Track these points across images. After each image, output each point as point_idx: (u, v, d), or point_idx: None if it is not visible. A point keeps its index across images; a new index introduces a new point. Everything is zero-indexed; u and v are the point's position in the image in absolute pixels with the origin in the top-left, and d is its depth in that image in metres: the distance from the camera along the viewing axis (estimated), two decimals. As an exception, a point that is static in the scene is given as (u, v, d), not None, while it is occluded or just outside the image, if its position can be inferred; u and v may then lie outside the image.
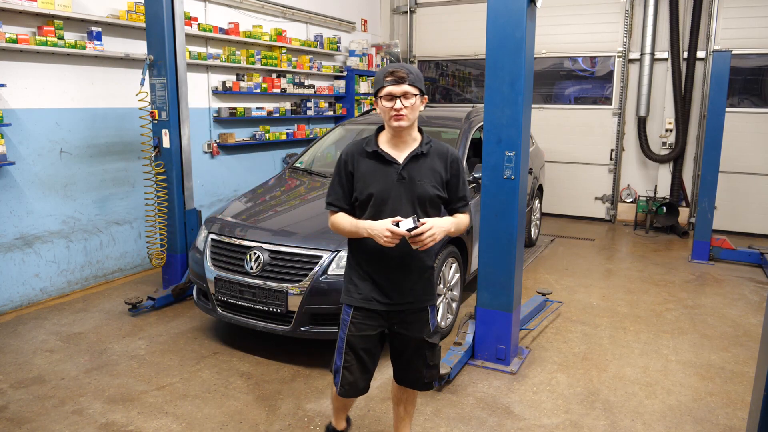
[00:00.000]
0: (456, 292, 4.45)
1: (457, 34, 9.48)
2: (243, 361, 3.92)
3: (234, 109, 6.80)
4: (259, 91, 7.04)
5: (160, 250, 5.02)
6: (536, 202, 7.06)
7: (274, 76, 7.43)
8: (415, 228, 2.18)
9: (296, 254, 3.77)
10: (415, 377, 2.56)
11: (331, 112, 8.63)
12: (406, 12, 9.90)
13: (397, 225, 2.20)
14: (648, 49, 8.04)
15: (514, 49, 3.45)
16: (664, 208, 7.91)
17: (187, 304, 4.96)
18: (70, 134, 5.14)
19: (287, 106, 7.71)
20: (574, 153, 8.79)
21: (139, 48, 5.55)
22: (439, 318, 4.08)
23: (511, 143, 3.55)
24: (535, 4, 3.46)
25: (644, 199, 8.24)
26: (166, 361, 3.93)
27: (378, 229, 2.23)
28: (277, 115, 7.51)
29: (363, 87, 8.97)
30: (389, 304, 2.41)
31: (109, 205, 5.55)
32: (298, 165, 5.35)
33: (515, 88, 3.49)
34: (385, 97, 2.27)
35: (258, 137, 7.19)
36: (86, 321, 4.57)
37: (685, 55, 7.89)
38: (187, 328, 4.48)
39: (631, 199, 8.62)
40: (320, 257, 3.71)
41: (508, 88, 3.51)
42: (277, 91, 7.38)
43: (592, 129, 8.68)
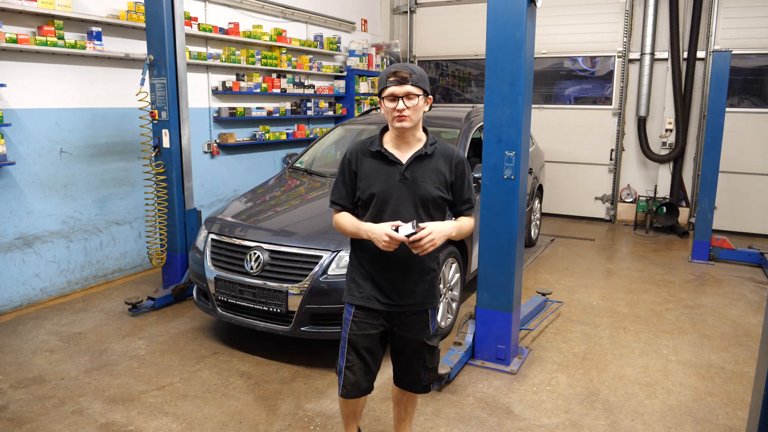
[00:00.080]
0: (456, 292, 4.45)
1: (457, 34, 9.48)
2: (243, 361, 3.92)
3: (234, 109, 6.80)
4: (259, 91, 7.04)
5: (160, 250, 5.02)
6: (536, 202, 7.06)
7: (274, 76, 7.44)
8: (414, 233, 2.15)
9: (296, 254, 3.77)
10: (414, 379, 2.55)
11: (331, 112, 8.63)
12: (406, 12, 9.90)
13: (396, 230, 2.17)
14: (648, 49, 8.04)
15: (514, 49, 3.45)
16: (664, 208, 7.91)
17: (187, 304, 4.97)
18: (70, 134, 5.14)
19: (287, 106, 7.71)
20: (574, 153, 8.79)
21: (139, 48, 5.55)
22: (439, 318, 4.08)
23: (511, 143, 3.55)
24: (535, 4, 3.46)
25: (644, 199, 8.23)
26: (166, 361, 3.93)
27: (377, 233, 2.21)
28: (277, 115, 7.51)
29: (363, 87, 8.97)
30: (389, 305, 2.39)
31: (109, 205, 5.55)
32: (298, 165, 5.35)
33: (515, 88, 3.49)
34: (388, 98, 2.25)
35: (258, 137, 7.20)
36: (86, 321, 4.58)
37: (685, 55, 7.89)
38: (187, 328, 4.48)
39: (631, 199, 8.62)
40: (320, 257, 3.72)
41: (508, 88, 3.51)
42: (277, 91, 7.38)
43: (592, 129, 8.68)
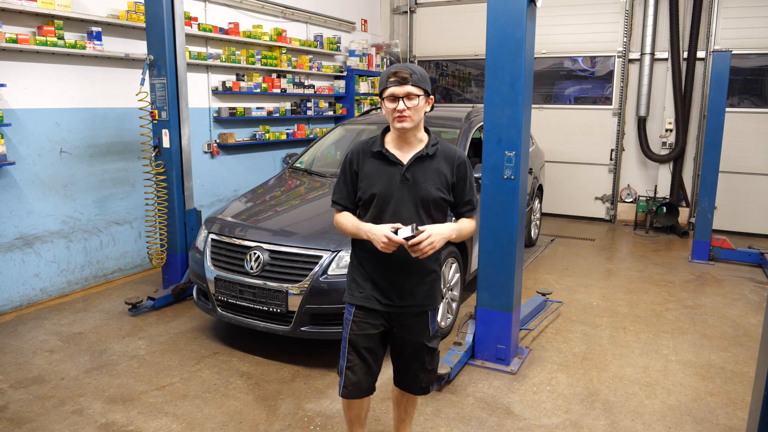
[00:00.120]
0: (456, 292, 4.45)
1: (457, 34, 9.48)
2: (243, 361, 3.92)
3: (234, 109, 6.80)
4: (259, 91, 7.04)
5: (160, 250, 5.02)
6: (536, 202, 7.06)
7: (274, 76, 7.43)
8: (413, 237, 2.13)
9: (296, 254, 3.77)
10: (413, 381, 2.54)
11: (331, 112, 8.63)
12: (406, 12, 9.89)
13: (395, 232, 2.16)
14: (648, 49, 8.04)
15: (514, 49, 3.45)
16: (664, 208, 7.91)
17: (187, 304, 4.97)
18: (70, 134, 5.14)
19: (287, 106, 7.71)
20: (574, 153, 8.79)
21: (139, 48, 5.55)
22: (439, 318, 4.08)
23: (511, 143, 3.55)
24: (535, 4, 3.46)
25: (644, 199, 8.23)
26: (166, 361, 3.93)
27: (376, 234, 2.20)
28: (277, 115, 7.51)
29: (363, 87, 8.97)
30: (389, 306, 2.38)
31: (109, 205, 5.55)
32: (298, 165, 5.35)
33: (515, 88, 3.49)
34: (389, 98, 2.24)
35: (258, 137, 7.19)
36: (86, 321, 4.58)
37: (685, 55, 7.89)
38: (187, 328, 4.48)
39: (631, 199, 8.62)
40: (320, 257, 3.72)
41: (508, 88, 3.51)
42: (277, 91, 7.38)
43: (592, 129, 8.68)
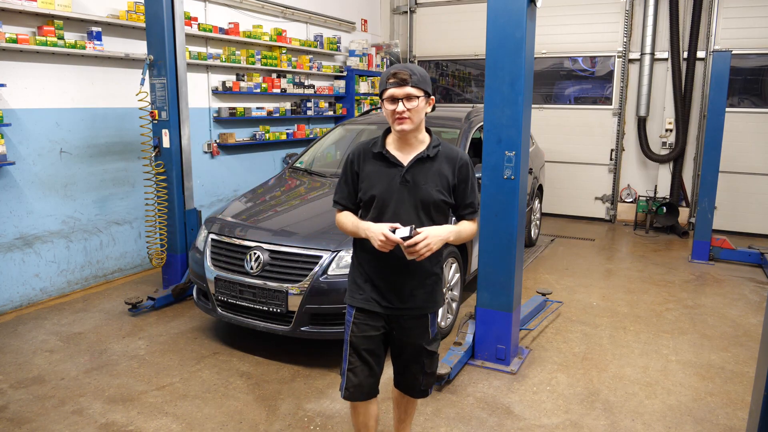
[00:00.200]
0: (456, 292, 4.45)
1: (457, 34, 9.48)
2: (243, 361, 3.92)
3: (234, 109, 6.80)
4: (259, 91, 7.04)
5: (160, 250, 5.02)
6: (536, 202, 7.06)
7: (274, 76, 7.43)
8: (409, 237, 2.12)
9: (296, 254, 3.77)
10: (412, 383, 2.53)
11: (331, 112, 8.63)
12: (406, 12, 9.89)
13: (393, 231, 2.15)
14: (648, 49, 8.04)
15: (514, 49, 3.45)
16: (664, 208, 7.91)
17: (187, 304, 4.97)
18: (70, 134, 5.14)
19: (287, 106, 7.71)
20: (574, 153, 8.79)
21: (139, 48, 5.55)
22: (438, 318, 4.08)
23: (511, 143, 3.55)
24: (535, 4, 3.46)
25: (644, 199, 8.23)
26: (166, 361, 3.93)
27: (374, 233, 2.20)
28: (277, 115, 7.51)
29: (363, 87, 8.97)
30: (388, 308, 2.37)
31: (109, 205, 5.55)
32: (298, 165, 5.35)
33: (515, 88, 3.49)
34: (388, 99, 2.22)
35: (258, 137, 7.19)
36: (86, 321, 4.58)
37: (685, 55, 7.89)
38: (187, 328, 4.48)
39: (631, 199, 8.62)
40: (320, 257, 3.72)
41: (508, 88, 3.51)
42: (277, 91, 7.38)
43: (592, 129, 8.68)
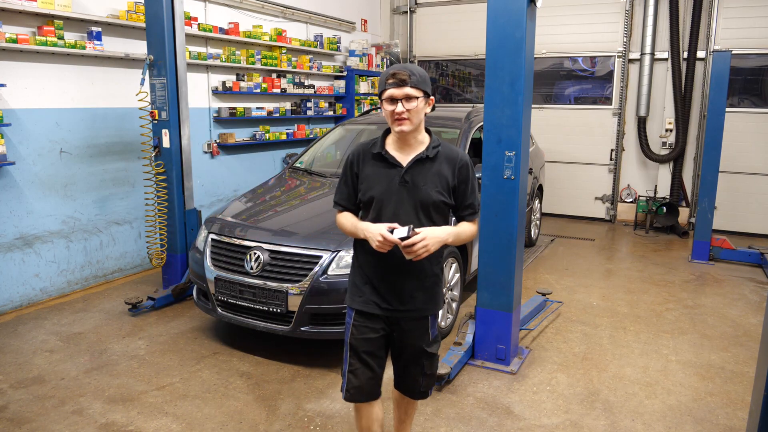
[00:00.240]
0: (456, 292, 4.45)
1: (457, 34, 9.48)
2: (243, 361, 3.92)
3: (234, 109, 6.80)
4: (259, 91, 7.04)
5: (160, 250, 5.02)
6: (536, 202, 7.06)
7: (274, 76, 7.43)
8: (407, 238, 2.11)
9: (296, 254, 3.77)
10: (412, 385, 2.52)
11: (331, 112, 8.63)
12: (406, 12, 9.89)
13: (392, 231, 2.15)
14: (648, 49, 8.04)
15: (514, 49, 3.45)
16: (664, 208, 7.91)
17: (187, 304, 4.97)
18: (70, 134, 5.14)
19: (287, 106, 7.71)
20: (574, 153, 8.79)
21: (139, 48, 5.55)
22: (438, 319, 4.08)
23: (511, 143, 3.55)
24: (535, 4, 3.46)
25: (644, 199, 8.23)
26: (166, 361, 3.93)
27: (372, 233, 2.19)
28: (277, 115, 7.51)
29: (363, 87, 8.97)
30: (388, 310, 2.35)
31: (109, 205, 5.55)
32: (298, 165, 5.35)
33: (515, 88, 3.49)
34: (387, 100, 2.21)
35: (258, 137, 7.19)
36: (86, 321, 4.58)
37: (685, 55, 7.89)
38: (187, 328, 4.48)
39: (631, 199, 8.62)
40: (320, 257, 3.72)
41: (508, 88, 3.51)
42: (277, 91, 7.38)
43: (592, 129, 8.68)
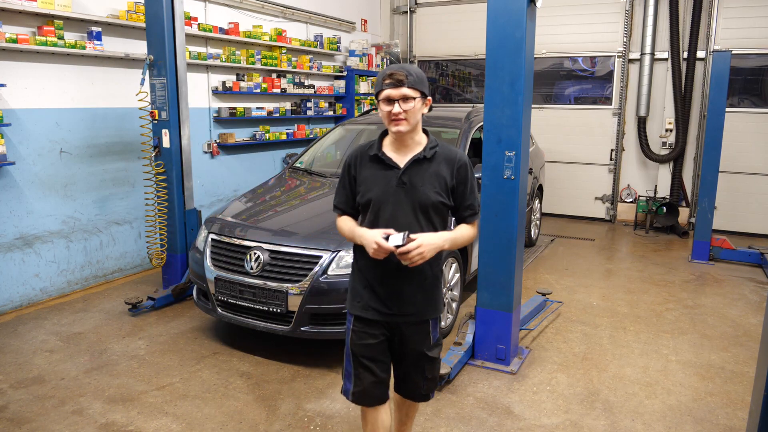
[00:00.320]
0: (456, 292, 4.45)
1: (457, 34, 9.48)
2: (243, 361, 3.92)
3: (234, 109, 6.80)
4: (259, 91, 7.04)
5: (160, 250, 5.02)
6: (536, 202, 7.06)
7: (274, 76, 7.43)
8: (403, 245, 2.09)
9: (296, 254, 3.77)
10: (413, 389, 2.49)
11: (331, 112, 8.63)
12: (406, 12, 9.89)
13: (387, 238, 2.12)
14: (648, 49, 8.04)
15: (514, 49, 3.45)
16: (664, 208, 7.91)
17: (187, 304, 4.97)
18: (70, 134, 5.14)
19: (287, 106, 7.71)
20: (574, 153, 8.79)
21: (139, 48, 5.55)
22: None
23: (511, 143, 3.55)
24: (535, 4, 3.46)
25: (644, 199, 8.23)
26: (166, 361, 3.93)
27: (368, 240, 2.16)
28: (277, 115, 7.51)
29: (363, 87, 8.98)
30: (388, 315, 2.31)
31: (109, 205, 5.55)
32: (298, 165, 5.35)
33: (515, 88, 3.49)
34: (384, 101, 2.19)
35: (258, 137, 7.19)
36: (86, 321, 4.58)
37: (685, 55, 7.89)
38: (187, 328, 4.48)
39: (631, 199, 8.62)
40: (320, 257, 3.72)
41: (508, 88, 3.51)
42: (277, 91, 7.38)
43: (592, 129, 8.68)
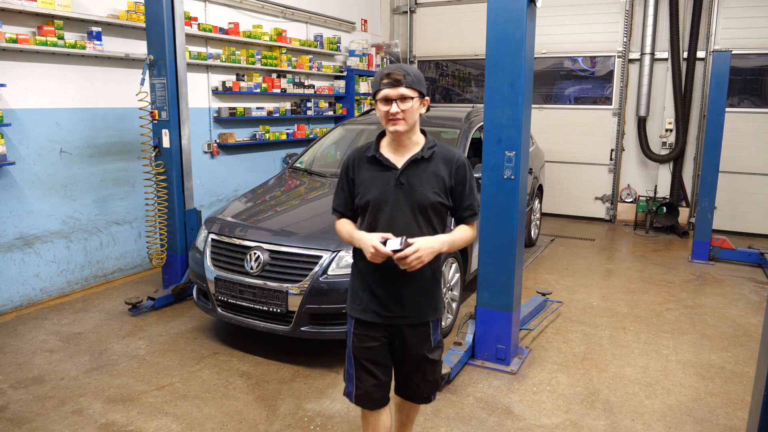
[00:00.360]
0: (456, 292, 4.45)
1: (457, 34, 9.48)
2: (243, 361, 3.92)
3: (234, 109, 6.80)
4: (259, 91, 7.04)
5: (160, 250, 5.02)
6: (536, 202, 7.06)
7: (274, 76, 7.43)
8: (400, 250, 2.07)
9: (296, 254, 3.77)
10: (414, 392, 2.48)
11: (331, 112, 8.63)
12: (406, 12, 9.89)
13: (385, 242, 2.10)
14: (648, 49, 8.04)
15: (514, 49, 3.45)
16: (664, 208, 7.91)
17: (187, 304, 4.97)
18: (70, 134, 5.14)
19: (287, 106, 7.71)
20: (574, 153, 8.79)
21: (139, 48, 5.55)
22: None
23: (511, 143, 3.55)
24: (535, 4, 3.46)
25: (644, 199, 8.23)
26: (166, 361, 3.93)
27: (365, 244, 2.15)
28: (277, 115, 7.51)
29: (363, 87, 8.98)
30: (387, 317, 2.29)
31: (109, 205, 5.55)
32: (298, 165, 5.35)
33: (515, 88, 3.49)
34: (381, 100, 2.17)
35: (258, 137, 7.19)
36: (86, 321, 4.58)
37: (685, 55, 7.89)
38: (187, 328, 4.48)
39: (631, 199, 8.62)
40: (320, 257, 3.72)
41: (508, 88, 3.51)
42: (277, 91, 7.38)
43: (592, 129, 8.68)
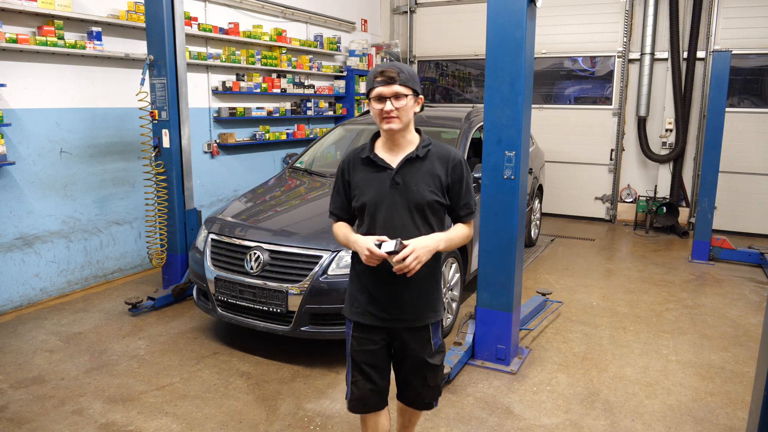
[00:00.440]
0: (456, 292, 4.45)
1: (457, 34, 9.48)
2: (243, 361, 3.92)
3: (234, 109, 6.80)
4: (259, 91, 7.04)
5: (160, 250, 5.02)
6: (536, 202, 7.06)
7: (274, 76, 7.44)
8: (396, 252, 2.03)
9: (296, 254, 3.77)
10: (415, 397, 2.44)
11: (331, 112, 8.63)
12: (406, 12, 9.89)
13: (380, 245, 2.07)
14: (648, 49, 8.04)
15: (514, 49, 3.45)
16: (664, 208, 7.91)
17: (187, 304, 4.97)
18: (70, 134, 5.14)
19: (287, 106, 7.71)
20: (574, 153, 8.79)
21: (139, 48, 5.55)
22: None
23: (511, 143, 3.55)
24: (535, 4, 3.46)
25: (644, 199, 8.23)
26: (166, 361, 3.93)
27: (360, 246, 2.13)
28: (277, 115, 7.51)
29: (363, 87, 8.97)
30: (386, 320, 2.27)
31: (109, 205, 5.55)
32: (298, 165, 5.35)
33: (515, 88, 3.49)
34: (375, 99, 2.14)
35: (258, 137, 7.20)
36: (86, 321, 4.58)
37: (685, 55, 7.89)
38: (187, 328, 4.48)
39: (631, 199, 8.62)
40: (320, 257, 3.72)
41: (508, 88, 3.51)
42: (277, 91, 7.38)
43: (592, 129, 8.68)
